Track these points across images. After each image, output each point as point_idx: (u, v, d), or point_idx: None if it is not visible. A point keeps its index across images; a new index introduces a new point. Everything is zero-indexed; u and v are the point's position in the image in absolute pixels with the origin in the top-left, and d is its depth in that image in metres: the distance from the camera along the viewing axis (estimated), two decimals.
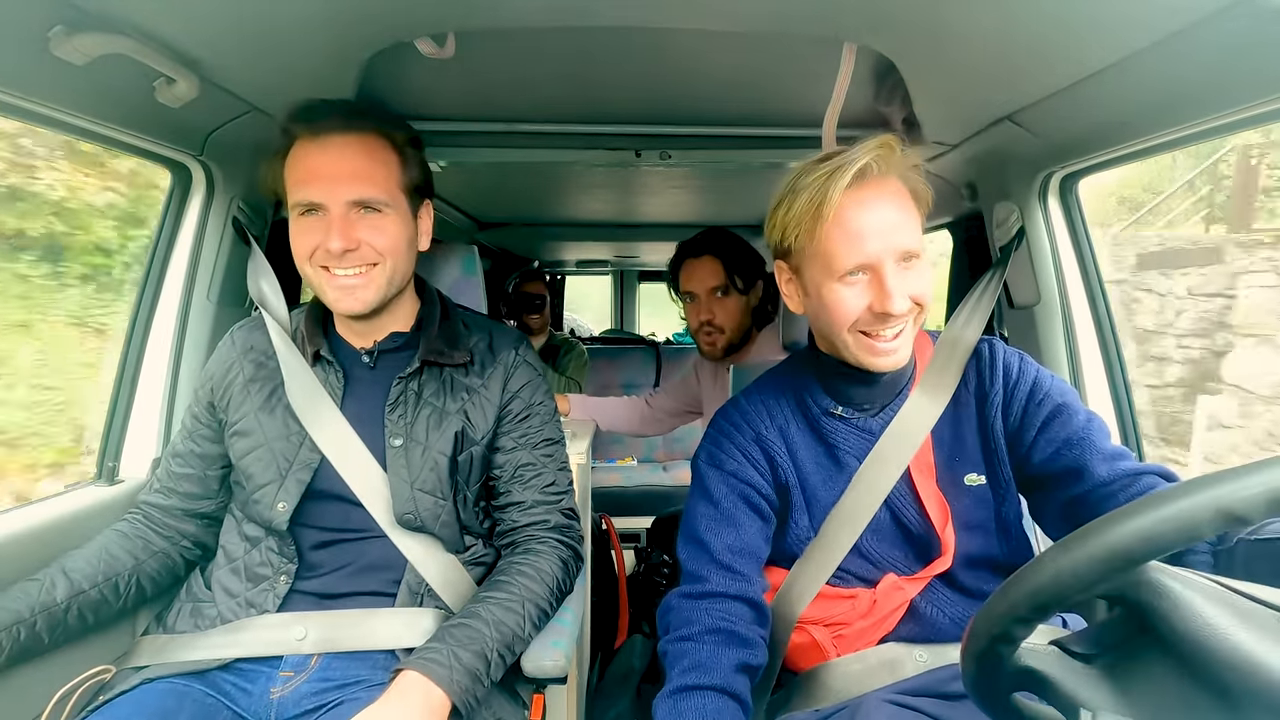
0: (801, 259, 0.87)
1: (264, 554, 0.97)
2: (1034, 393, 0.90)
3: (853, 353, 0.86)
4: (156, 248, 1.25)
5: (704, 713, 0.78)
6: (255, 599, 0.95)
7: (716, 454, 0.96)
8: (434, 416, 0.99)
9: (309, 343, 1.01)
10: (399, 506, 0.96)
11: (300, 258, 0.94)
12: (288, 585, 0.95)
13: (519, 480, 1.03)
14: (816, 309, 0.88)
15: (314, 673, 0.91)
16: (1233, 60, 0.81)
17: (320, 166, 0.91)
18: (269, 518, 0.95)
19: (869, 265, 0.81)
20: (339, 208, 0.91)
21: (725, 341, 1.73)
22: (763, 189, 2.33)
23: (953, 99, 1.15)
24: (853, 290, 0.82)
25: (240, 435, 1.00)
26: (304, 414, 0.97)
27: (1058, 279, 1.33)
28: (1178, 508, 0.44)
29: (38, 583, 0.91)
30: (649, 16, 0.95)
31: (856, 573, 0.92)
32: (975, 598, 0.91)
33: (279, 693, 0.90)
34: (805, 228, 0.83)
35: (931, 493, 0.91)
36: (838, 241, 0.81)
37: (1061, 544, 0.48)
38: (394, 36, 1.00)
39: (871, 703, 0.83)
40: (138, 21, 0.86)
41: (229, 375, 1.03)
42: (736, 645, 0.84)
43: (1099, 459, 0.84)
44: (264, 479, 0.96)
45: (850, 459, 0.94)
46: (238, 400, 1.00)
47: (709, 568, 0.90)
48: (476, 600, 0.92)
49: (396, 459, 0.97)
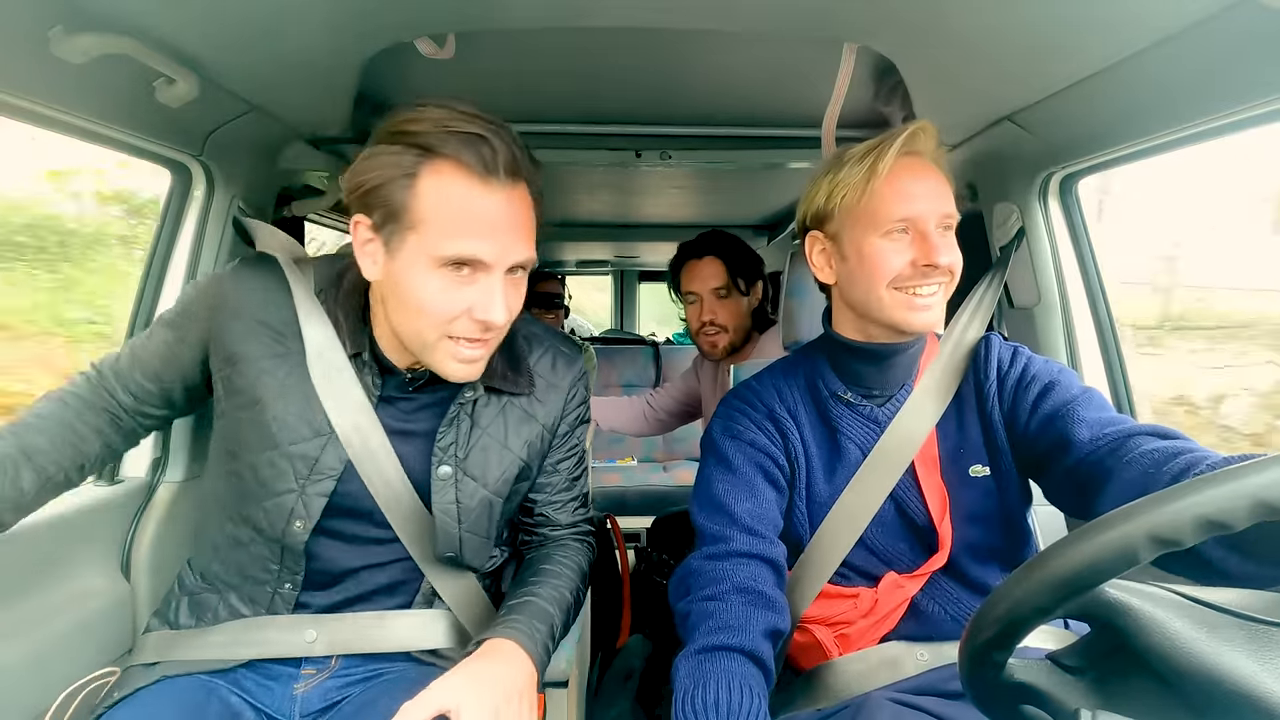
0: (844, 220, 0.90)
1: (258, 559, 0.89)
2: (1023, 377, 0.91)
3: (889, 310, 0.88)
4: (156, 247, 1.25)
5: (730, 674, 0.74)
6: (254, 595, 0.90)
7: (732, 426, 0.97)
8: (493, 449, 0.91)
9: (350, 341, 0.87)
10: (442, 546, 0.88)
11: (430, 317, 0.78)
12: (294, 593, 0.90)
13: (551, 491, 1.02)
14: (853, 270, 0.90)
15: (336, 670, 0.91)
16: (1233, 60, 0.81)
17: (492, 216, 0.75)
18: (279, 533, 0.86)
19: (914, 221, 0.86)
20: (501, 270, 0.78)
21: (728, 341, 1.74)
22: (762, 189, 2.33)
23: (952, 99, 1.15)
24: (896, 245, 0.87)
25: (249, 419, 0.86)
26: (334, 412, 0.85)
27: (1058, 279, 1.33)
28: (1112, 536, 0.45)
29: (2, 473, 0.80)
30: (649, 16, 0.95)
31: (860, 567, 0.92)
32: (978, 592, 0.91)
33: (302, 689, 0.89)
34: (856, 186, 0.88)
35: (934, 486, 0.92)
36: (887, 198, 0.86)
37: (1015, 574, 0.50)
38: (394, 36, 1.00)
39: (874, 702, 0.83)
40: (138, 21, 0.86)
41: (238, 333, 0.86)
42: (764, 607, 0.82)
43: (1082, 426, 0.82)
44: (279, 486, 0.85)
45: (852, 447, 0.94)
46: (250, 373, 0.86)
47: (731, 529, 0.89)
48: (530, 584, 0.92)
49: (443, 491, 0.88)
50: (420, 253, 0.76)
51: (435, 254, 0.75)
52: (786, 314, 1.29)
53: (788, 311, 1.28)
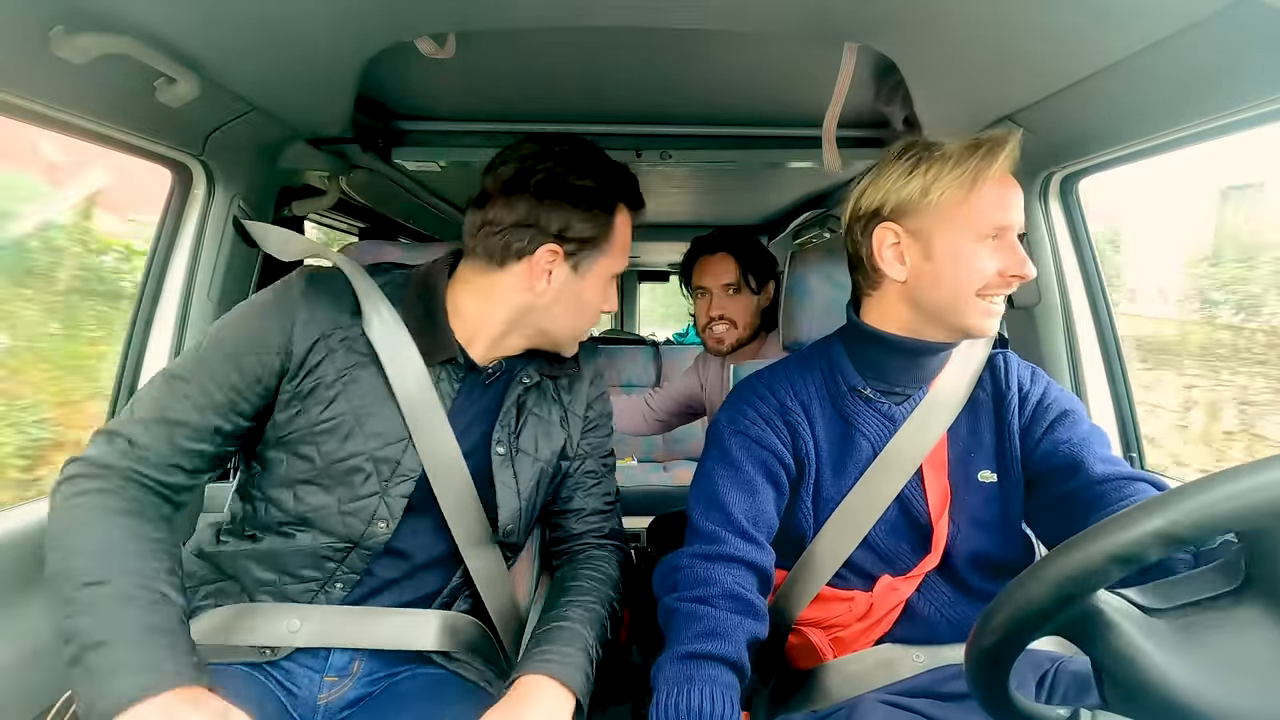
0: (938, 218, 0.87)
1: (325, 550, 0.89)
2: (1044, 398, 0.95)
3: (968, 315, 0.88)
4: (157, 248, 1.25)
5: (714, 683, 0.75)
6: (291, 592, 0.89)
7: (739, 419, 0.96)
8: (540, 427, 0.99)
9: (436, 344, 0.92)
10: (505, 518, 0.94)
11: (590, 314, 0.99)
12: (344, 594, 0.90)
13: (581, 488, 1.04)
14: (940, 270, 0.88)
15: (359, 678, 0.91)
16: (1233, 60, 0.81)
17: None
18: (360, 534, 0.88)
19: (1006, 229, 0.86)
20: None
21: (735, 337, 1.74)
22: (763, 189, 2.34)
23: (953, 99, 1.15)
24: (989, 250, 0.86)
25: (331, 431, 0.87)
26: (414, 420, 0.89)
27: (1058, 279, 1.34)
28: (1076, 558, 0.48)
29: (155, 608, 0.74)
30: (649, 16, 0.95)
31: (859, 566, 0.92)
32: (974, 596, 0.91)
33: (326, 698, 0.89)
34: (959, 186, 0.86)
35: (939, 487, 0.92)
36: (991, 203, 0.85)
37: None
38: (394, 36, 1.00)
39: (867, 704, 0.83)
40: (138, 21, 0.86)
41: (313, 349, 0.87)
42: (751, 616, 0.83)
43: (1096, 459, 0.87)
44: (365, 490, 0.88)
45: (865, 443, 0.93)
46: (328, 386, 0.87)
47: (726, 530, 0.88)
48: (560, 607, 0.92)
49: (503, 468, 0.95)
50: (602, 271, 0.97)
51: (610, 271, 0.98)
52: (786, 314, 1.29)
53: (788, 311, 1.28)
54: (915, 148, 0.89)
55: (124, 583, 0.73)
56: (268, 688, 0.87)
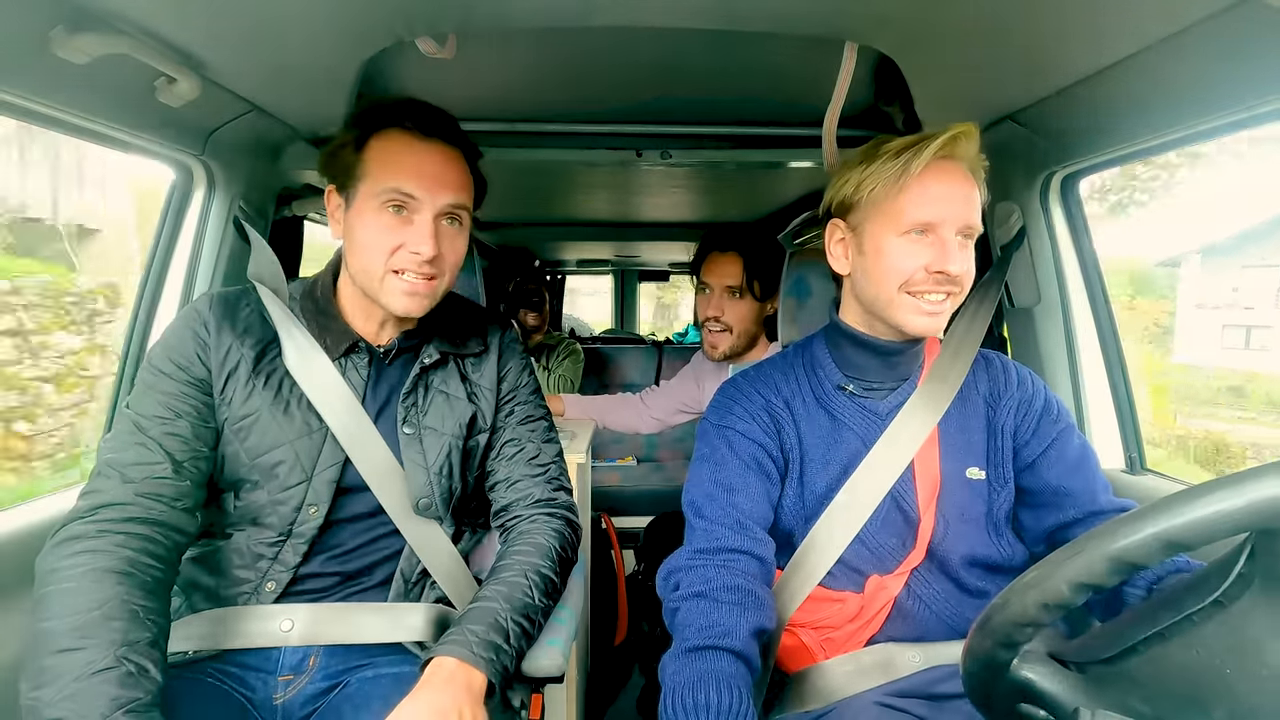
0: (867, 213, 0.90)
1: (259, 547, 0.92)
2: (1047, 408, 0.96)
3: (896, 312, 0.88)
4: (157, 247, 1.25)
5: (720, 675, 0.74)
6: (232, 592, 0.92)
7: (725, 415, 0.97)
8: (446, 404, 1.02)
9: (336, 338, 0.98)
10: (416, 491, 0.97)
11: (374, 251, 0.91)
12: (288, 578, 0.93)
13: (504, 458, 1.06)
14: (868, 265, 0.90)
15: (315, 673, 0.92)
16: (1233, 60, 0.81)
17: (424, 165, 0.91)
18: (293, 520, 0.92)
19: (934, 226, 0.86)
20: (431, 210, 0.91)
21: (729, 344, 1.73)
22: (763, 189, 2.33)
23: (954, 98, 1.15)
24: (914, 246, 0.86)
25: (248, 431, 0.92)
26: (326, 410, 0.95)
27: (1058, 279, 1.33)
28: (1063, 570, 0.51)
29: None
30: (649, 16, 0.95)
31: (850, 563, 0.92)
32: (964, 591, 0.91)
33: (281, 698, 0.90)
34: (887, 181, 0.87)
35: (928, 482, 0.92)
36: (914, 197, 0.86)
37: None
38: (394, 36, 1.00)
39: (860, 704, 0.83)
40: (139, 21, 0.86)
41: (227, 360, 0.93)
42: (753, 606, 0.82)
43: (1101, 489, 0.91)
44: (290, 480, 0.93)
45: (853, 436, 0.94)
46: (242, 392, 0.93)
47: (721, 524, 0.89)
48: (484, 585, 0.93)
49: (411, 445, 0.98)
50: (369, 199, 0.91)
51: (378, 192, 0.91)
52: (786, 313, 1.29)
53: (787, 311, 1.28)
54: (875, 144, 0.90)
55: (101, 653, 0.70)
56: (232, 695, 0.89)
